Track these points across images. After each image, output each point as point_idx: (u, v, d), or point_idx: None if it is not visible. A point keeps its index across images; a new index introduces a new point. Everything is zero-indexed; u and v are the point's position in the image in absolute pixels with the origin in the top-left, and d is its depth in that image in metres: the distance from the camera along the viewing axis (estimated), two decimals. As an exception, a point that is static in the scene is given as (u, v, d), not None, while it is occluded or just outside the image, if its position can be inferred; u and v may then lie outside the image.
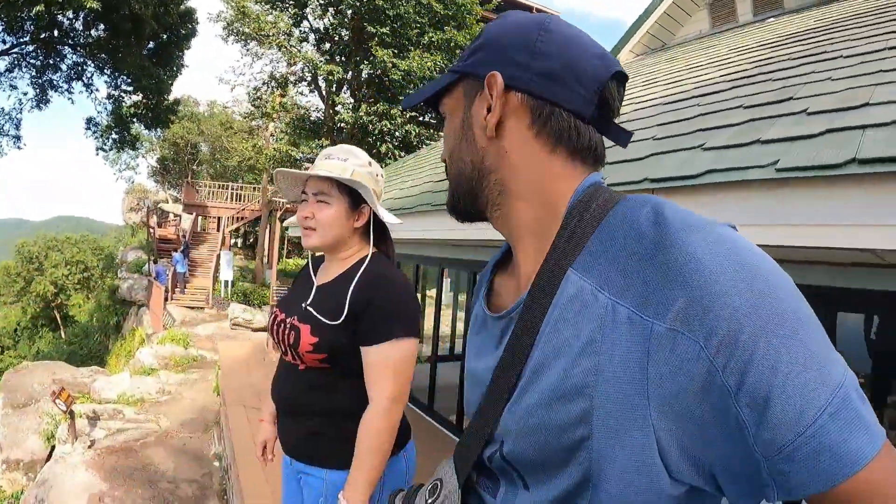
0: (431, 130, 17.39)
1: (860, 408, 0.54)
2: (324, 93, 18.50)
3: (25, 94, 20.59)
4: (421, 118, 17.19)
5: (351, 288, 1.74)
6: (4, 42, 18.58)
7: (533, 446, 0.68)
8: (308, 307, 1.81)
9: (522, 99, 0.74)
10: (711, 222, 0.62)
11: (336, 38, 17.92)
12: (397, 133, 16.38)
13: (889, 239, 1.44)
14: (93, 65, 20.28)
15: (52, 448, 7.81)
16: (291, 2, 17.24)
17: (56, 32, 18.88)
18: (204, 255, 23.30)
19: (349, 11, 16.46)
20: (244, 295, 20.17)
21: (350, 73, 17.22)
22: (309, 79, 18.43)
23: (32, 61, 19.86)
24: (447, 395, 6.17)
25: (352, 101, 17.60)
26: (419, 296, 6.80)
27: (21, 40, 18.88)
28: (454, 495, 0.78)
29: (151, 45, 20.27)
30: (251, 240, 30.15)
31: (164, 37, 20.13)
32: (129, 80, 20.12)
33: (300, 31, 18.00)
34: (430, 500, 0.82)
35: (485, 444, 0.77)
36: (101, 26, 18.38)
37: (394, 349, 1.70)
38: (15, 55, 19.42)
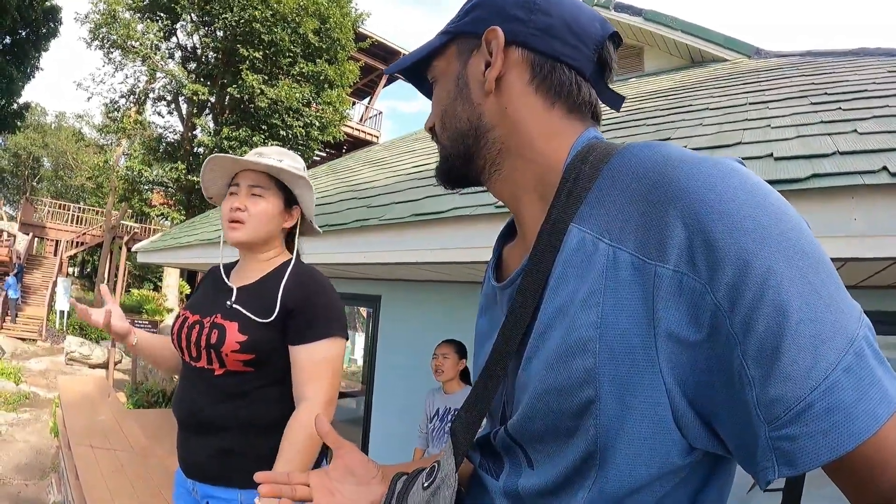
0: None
1: (874, 364, 0.49)
2: (184, 114, 17.68)
3: None
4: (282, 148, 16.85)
5: (282, 285, 1.66)
6: None
7: (539, 415, 0.63)
8: (234, 305, 1.68)
9: (523, 53, 0.73)
10: (714, 157, 0.58)
11: (203, 59, 17.28)
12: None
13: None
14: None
15: None
16: (163, 14, 16.42)
17: None
18: (38, 282, 21.07)
19: (220, 33, 15.97)
20: (81, 328, 18.39)
21: (214, 95, 16.63)
22: (169, 98, 17.58)
23: None
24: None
25: (212, 125, 16.93)
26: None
27: None
28: (450, 478, 0.71)
29: (8, 40, 17.84)
30: (88, 269, 27.80)
31: (23, 33, 17.97)
32: (-22, 76, 17.76)
33: (167, 46, 17.19)
34: (426, 484, 0.76)
35: (481, 416, 0.72)
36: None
37: (331, 347, 1.64)
38: None
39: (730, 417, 0.53)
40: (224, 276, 1.81)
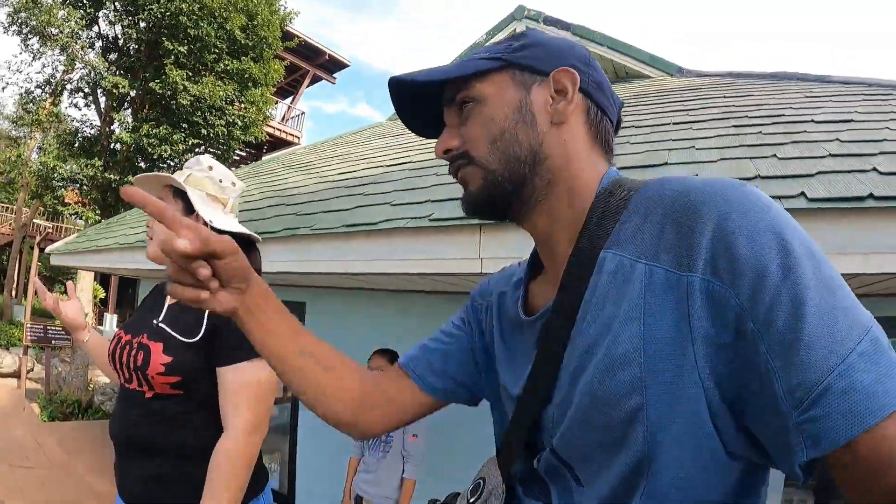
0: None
1: (891, 353, 0.54)
2: (102, 107, 16.84)
3: None
4: (202, 147, 16.32)
5: None
6: None
7: (588, 427, 0.69)
8: (160, 324, 1.60)
9: (584, 99, 0.82)
10: (724, 179, 0.66)
11: (126, 50, 16.49)
12: (176, 160, 15.31)
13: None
14: None
15: None
16: (86, 0, 15.52)
17: None
18: (-61, 282, 19.78)
19: (144, 24, 15.27)
20: (-12, 335, 17.26)
21: (135, 89, 15.92)
22: (87, 90, 16.73)
23: None
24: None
25: (132, 121, 16.11)
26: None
27: None
28: (499, 489, 0.79)
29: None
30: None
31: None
32: None
33: (88, 35, 16.25)
34: (472, 500, 0.82)
35: (524, 431, 0.80)
36: None
37: (256, 370, 1.52)
38: None
39: (762, 413, 0.58)
40: (165, 292, 1.69)
